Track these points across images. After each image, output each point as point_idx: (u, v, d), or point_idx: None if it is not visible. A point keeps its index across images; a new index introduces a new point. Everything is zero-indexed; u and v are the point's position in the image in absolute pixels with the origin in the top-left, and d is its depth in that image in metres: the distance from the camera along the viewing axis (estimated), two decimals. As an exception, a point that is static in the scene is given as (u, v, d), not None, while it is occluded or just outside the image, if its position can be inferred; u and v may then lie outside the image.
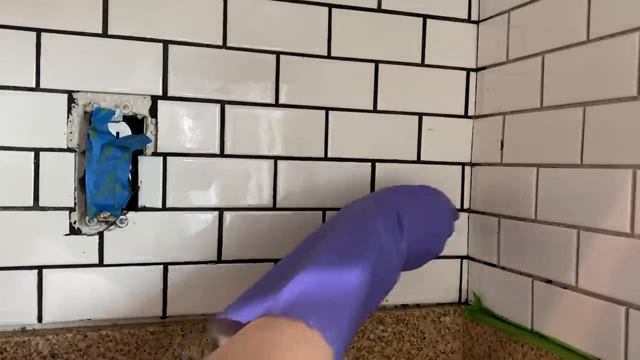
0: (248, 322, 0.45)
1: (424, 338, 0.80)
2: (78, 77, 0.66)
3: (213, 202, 0.72)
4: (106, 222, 0.67)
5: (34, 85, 0.65)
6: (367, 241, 0.52)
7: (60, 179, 0.66)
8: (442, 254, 0.82)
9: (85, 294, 0.67)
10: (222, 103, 0.72)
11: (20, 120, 0.65)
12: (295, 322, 0.44)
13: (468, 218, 0.84)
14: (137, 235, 0.69)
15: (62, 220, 0.66)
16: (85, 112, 0.67)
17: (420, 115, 0.81)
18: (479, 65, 0.83)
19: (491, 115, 0.79)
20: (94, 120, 0.66)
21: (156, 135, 0.70)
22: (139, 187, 0.69)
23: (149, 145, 0.69)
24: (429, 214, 0.61)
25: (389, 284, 0.54)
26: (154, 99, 0.69)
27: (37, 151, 0.65)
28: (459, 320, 0.82)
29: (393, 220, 0.55)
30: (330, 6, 0.76)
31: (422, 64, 0.81)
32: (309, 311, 0.45)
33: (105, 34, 0.67)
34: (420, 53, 0.80)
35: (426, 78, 0.81)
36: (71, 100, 0.66)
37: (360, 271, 0.49)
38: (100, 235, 0.68)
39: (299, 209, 0.76)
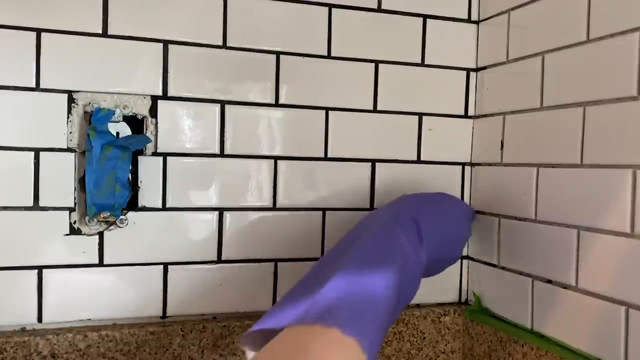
0: (282, 330, 0.45)
1: (424, 338, 0.80)
2: (78, 77, 0.66)
3: (213, 202, 0.72)
4: (106, 222, 0.67)
5: (34, 85, 0.65)
6: (392, 252, 0.53)
7: (60, 179, 0.66)
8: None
9: (85, 294, 0.68)
10: (222, 103, 0.72)
11: (20, 120, 0.65)
12: (330, 329, 0.43)
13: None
14: (137, 235, 0.69)
15: (62, 220, 0.66)
16: (85, 112, 0.67)
17: (420, 115, 0.81)
18: (479, 65, 0.83)
19: (491, 115, 0.79)
20: (94, 120, 0.66)
21: (156, 135, 0.70)
22: (139, 187, 0.69)
23: (149, 145, 0.69)
24: (448, 221, 0.63)
25: (411, 293, 0.55)
26: (154, 99, 0.69)
27: (37, 151, 0.65)
28: (459, 320, 0.82)
29: (413, 231, 0.57)
30: (330, 6, 0.76)
31: (422, 64, 0.81)
32: (344, 318, 0.45)
33: (105, 34, 0.67)
34: (420, 53, 0.80)
35: (426, 78, 0.81)
36: (71, 100, 0.66)
37: (388, 280, 0.49)
38: (100, 235, 0.68)
39: (299, 209, 0.76)
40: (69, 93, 0.66)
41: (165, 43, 0.69)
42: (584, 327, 0.62)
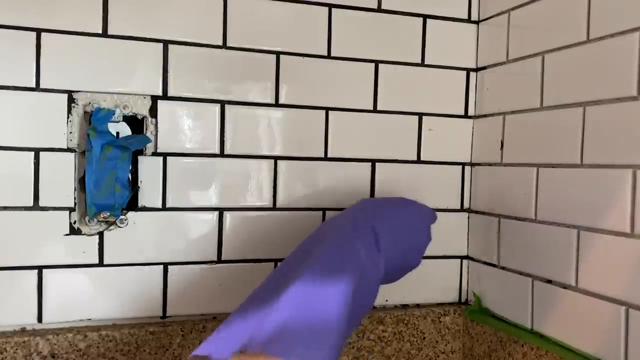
0: None
1: (424, 338, 0.80)
2: (78, 77, 0.66)
3: (213, 202, 0.72)
4: (106, 222, 0.67)
5: (34, 85, 0.65)
6: (347, 265, 0.51)
7: (60, 179, 0.66)
8: (442, 254, 0.83)
9: (85, 294, 0.68)
10: (222, 103, 0.72)
11: (20, 120, 0.65)
12: (275, 359, 0.43)
13: (468, 218, 0.84)
14: (137, 235, 0.69)
15: (62, 220, 0.66)
16: (85, 112, 0.67)
17: (420, 115, 0.81)
18: (479, 65, 0.83)
19: (491, 115, 0.79)
20: (94, 120, 0.66)
21: (156, 135, 0.70)
22: (139, 187, 0.69)
23: (149, 145, 0.69)
24: (407, 229, 0.61)
25: (368, 305, 0.54)
26: (154, 99, 0.69)
27: (37, 151, 0.65)
28: (459, 320, 0.82)
29: (371, 240, 0.55)
30: (330, 6, 0.76)
31: (422, 64, 0.81)
32: (291, 346, 0.44)
33: (105, 34, 0.67)
34: (420, 53, 0.80)
35: (426, 78, 0.81)
36: (71, 100, 0.66)
37: (341, 296, 0.48)
38: (100, 235, 0.68)
39: (299, 209, 0.76)
40: (69, 93, 0.66)
41: (165, 43, 0.69)
42: (584, 327, 0.62)
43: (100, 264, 0.68)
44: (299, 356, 0.43)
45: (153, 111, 0.69)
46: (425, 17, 0.80)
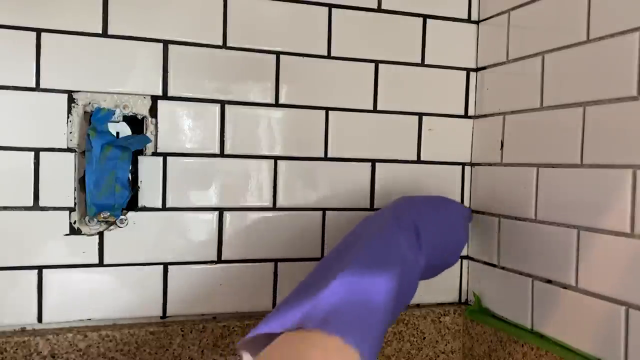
0: (281, 334, 0.45)
1: (424, 338, 0.80)
2: (78, 77, 0.66)
3: (213, 202, 0.72)
4: (106, 222, 0.67)
5: (34, 85, 0.65)
6: (391, 256, 0.53)
7: (60, 179, 0.66)
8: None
9: (85, 294, 0.68)
10: (222, 103, 0.72)
11: (20, 120, 0.65)
12: (332, 337, 0.43)
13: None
14: (137, 235, 0.69)
15: (62, 220, 0.66)
16: (85, 112, 0.67)
17: (420, 115, 0.81)
18: (479, 65, 0.83)
19: (491, 115, 0.79)
20: (94, 120, 0.66)
21: (156, 135, 0.70)
22: (139, 187, 0.69)
23: (149, 145, 0.69)
24: (447, 227, 0.63)
25: (409, 297, 0.55)
26: (154, 99, 0.69)
27: (37, 151, 0.65)
28: (459, 320, 0.82)
29: (412, 235, 0.57)
30: (330, 6, 0.76)
31: (422, 64, 0.81)
32: (345, 326, 0.44)
33: (105, 34, 0.67)
34: (420, 53, 0.80)
35: (426, 78, 0.81)
36: (71, 100, 0.66)
37: (388, 285, 0.49)
38: (100, 235, 0.68)
39: (299, 209, 0.76)
40: (69, 93, 0.66)
41: (165, 43, 0.69)
42: (584, 327, 0.62)
43: (100, 264, 0.68)
44: (354, 336, 0.44)
45: (153, 111, 0.69)
46: (425, 17, 0.80)
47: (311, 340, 0.43)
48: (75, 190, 0.67)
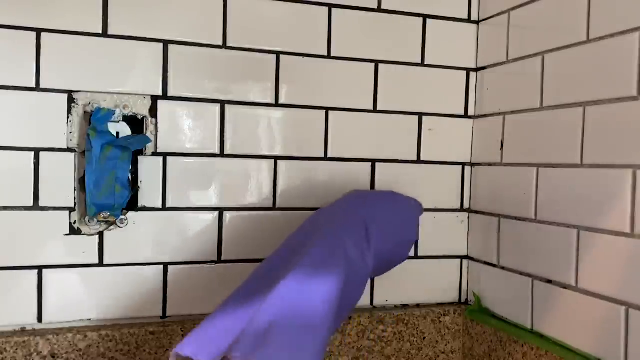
0: None
1: (424, 338, 0.80)
2: (78, 77, 0.66)
3: (213, 202, 0.72)
4: (106, 222, 0.67)
5: (34, 85, 0.65)
6: (335, 261, 0.52)
7: (60, 179, 0.66)
8: (442, 254, 0.83)
9: (85, 294, 0.67)
10: (222, 103, 0.72)
11: (20, 120, 0.65)
12: None
13: (468, 218, 0.84)
14: (137, 235, 0.69)
15: (62, 220, 0.66)
16: (85, 112, 0.67)
17: (420, 115, 0.81)
18: (479, 65, 0.83)
19: (491, 115, 0.79)
20: (94, 120, 0.66)
21: (156, 135, 0.69)
22: (139, 187, 0.69)
23: (149, 145, 0.69)
24: (397, 223, 0.62)
25: (356, 298, 0.55)
26: (154, 99, 0.69)
27: (37, 151, 0.65)
28: (459, 320, 0.82)
29: (361, 235, 0.56)
30: (330, 6, 0.76)
31: (422, 64, 0.81)
32: (274, 353, 0.44)
33: (105, 34, 0.67)
34: (420, 53, 0.80)
35: (426, 78, 0.81)
36: (71, 100, 0.66)
37: (327, 294, 0.49)
38: (100, 235, 0.68)
39: (299, 209, 0.75)
40: (69, 93, 0.66)
41: (165, 43, 0.69)
42: (584, 327, 0.62)
43: (100, 264, 0.68)
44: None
45: (153, 111, 0.69)
46: (425, 17, 0.80)
47: None
48: (75, 190, 0.67)
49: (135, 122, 0.68)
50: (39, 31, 0.65)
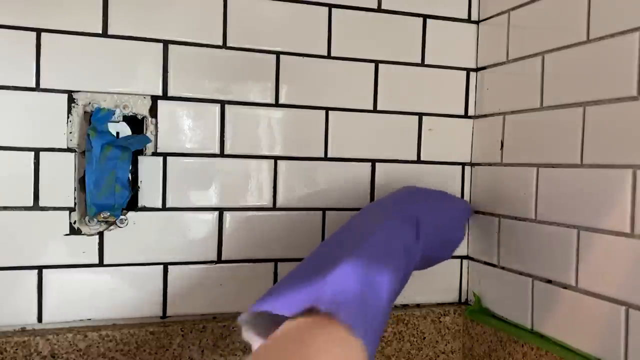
0: (290, 318, 0.43)
1: (424, 338, 0.80)
2: (78, 77, 0.66)
3: (213, 202, 0.72)
4: (106, 222, 0.67)
5: (34, 85, 0.65)
6: (395, 248, 0.52)
7: (60, 179, 0.66)
8: (442, 254, 0.83)
9: (85, 294, 0.67)
10: (222, 103, 0.72)
11: (20, 120, 0.65)
12: (338, 327, 0.42)
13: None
14: (137, 235, 0.69)
15: (62, 220, 0.66)
16: (85, 112, 0.67)
17: (420, 115, 0.81)
18: (479, 65, 0.83)
19: (491, 115, 0.79)
20: (94, 120, 0.66)
21: (156, 135, 0.70)
22: (139, 187, 0.69)
23: (149, 145, 0.69)
24: (446, 221, 0.63)
25: (400, 291, 0.55)
26: (154, 99, 0.69)
27: (37, 151, 0.65)
28: (459, 320, 0.82)
29: (413, 228, 0.56)
30: (330, 6, 0.76)
31: (422, 64, 0.81)
32: (354, 316, 0.43)
33: (105, 34, 0.67)
34: (420, 53, 0.80)
35: (426, 78, 0.81)
36: (71, 100, 0.66)
37: (391, 278, 0.49)
38: (100, 235, 0.68)
39: (299, 209, 0.76)
40: (69, 93, 0.66)
41: (165, 43, 0.69)
42: (584, 327, 0.62)
43: (100, 264, 0.68)
44: (360, 329, 0.42)
45: (153, 111, 0.69)
46: (425, 17, 0.80)
47: (323, 328, 0.42)
48: (75, 190, 0.67)
49: (135, 122, 0.69)
50: (39, 31, 0.65)
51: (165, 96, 0.70)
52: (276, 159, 0.74)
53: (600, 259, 0.60)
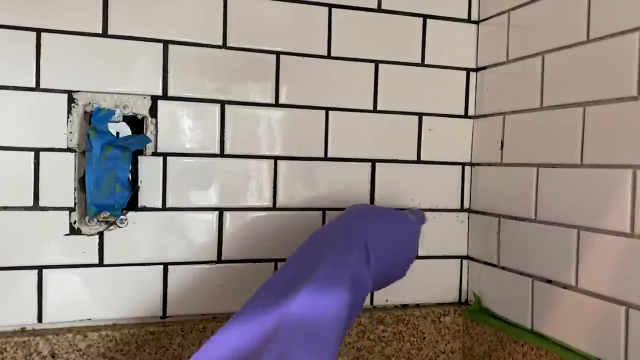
0: None
1: (424, 338, 0.80)
2: (78, 77, 0.66)
3: (213, 202, 0.72)
4: (106, 222, 0.67)
5: (34, 85, 0.65)
6: (342, 283, 0.53)
7: (60, 179, 0.66)
8: (442, 254, 0.83)
9: (85, 294, 0.67)
10: (222, 103, 0.72)
11: (20, 120, 0.65)
12: None
13: (468, 218, 0.84)
14: (137, 235, 0.69)
15: (62, 220, 0.66)
16: (85, 112, 0.67)
17: (420, 115, 0.81)
18: (479, 65, 0.83)
19: (491, 115, 0.79)
20: (94, 120, 0.66)
21: (156, 135, 0.70)
22: (139, 187, 0.69)
23: (149, 145, 0.69)
24: (398, 242, 0.62)
25: (357, 314, 0.56)
26: (154, 99, 0.69)
27: (37, 151, 0.65)
28: (459, 320, 0.82)
29: (362, 256, 0.56)
30: (330, 6, 0.76)
31: (422, 64, 0.81)
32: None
33: (105, 34, 0.67)
34: (420, 53, 0.80)
35: (426, 78, 0.81)
36: (71, 100, 0.66)
37: (338, 309, 0.50)
38: (100, 235, 0.68)
39: (299, 209, 0.76)
40: (69, 93, 0.66)
41: (165, 43, 0.69)
42: (584, 327, 0.62)
43: (100, 264, 0.68)
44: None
45: (153, 111, 0.69)
46: (425, 17, 0.80)
47: None
48: (75, 190, 0.67)
49: (135, 122, 0.69)
50: (39, 31, 0.65)
51: (165, 96, 0.70)
52: (276, 159, 0.74)
53: (600, 259, 0.60)
